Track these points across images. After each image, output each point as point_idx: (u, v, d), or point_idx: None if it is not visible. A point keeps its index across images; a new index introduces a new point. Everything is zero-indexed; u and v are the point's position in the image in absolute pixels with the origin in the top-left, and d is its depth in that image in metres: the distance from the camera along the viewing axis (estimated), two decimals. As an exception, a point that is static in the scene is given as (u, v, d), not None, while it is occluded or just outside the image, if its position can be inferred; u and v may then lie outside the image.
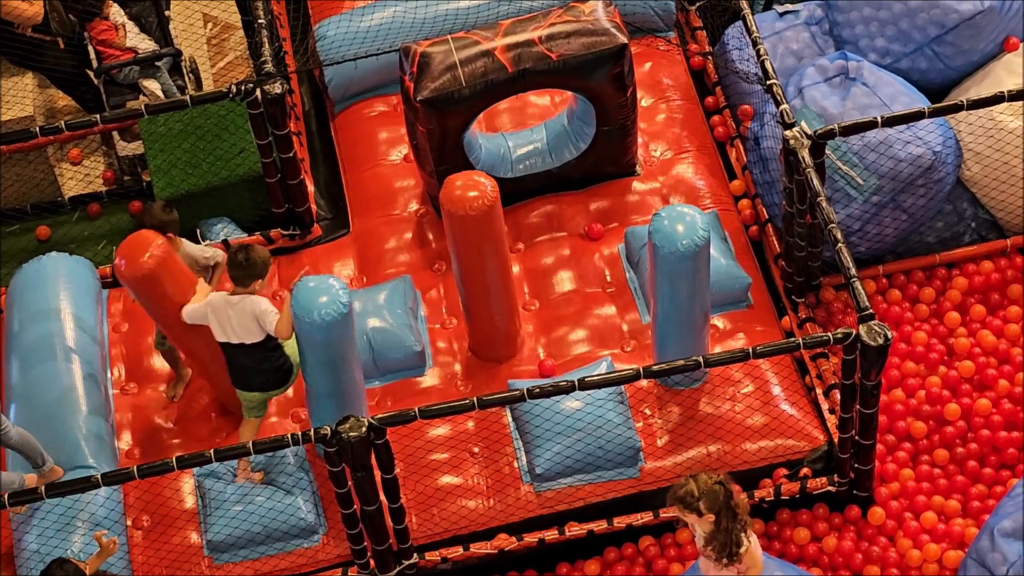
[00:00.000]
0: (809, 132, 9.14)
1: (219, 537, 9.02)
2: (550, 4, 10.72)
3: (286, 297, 8.70)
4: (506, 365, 9.71)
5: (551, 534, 9.12)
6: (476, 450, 9.34)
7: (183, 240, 9.31)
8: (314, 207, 10.55)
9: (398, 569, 9.01)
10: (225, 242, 10.29)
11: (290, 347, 8.96)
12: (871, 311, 8.38)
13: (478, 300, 9.45)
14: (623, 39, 9.83)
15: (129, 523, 9.20)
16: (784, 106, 9.33)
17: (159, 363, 9.90)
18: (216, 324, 8.79)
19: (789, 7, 10.93)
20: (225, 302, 8.75)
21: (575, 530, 9.13)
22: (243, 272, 8.68)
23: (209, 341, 8.96)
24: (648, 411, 9.41)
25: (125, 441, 9.61)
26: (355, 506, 8.61)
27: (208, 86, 11.92)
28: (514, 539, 9.12)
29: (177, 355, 9.68)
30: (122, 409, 9.75)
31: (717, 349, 9.56)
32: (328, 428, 8.20)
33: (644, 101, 10.79)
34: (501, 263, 9.31)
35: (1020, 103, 9.58)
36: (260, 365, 8.92)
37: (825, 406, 9.44)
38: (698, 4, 11.21)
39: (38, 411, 9.33)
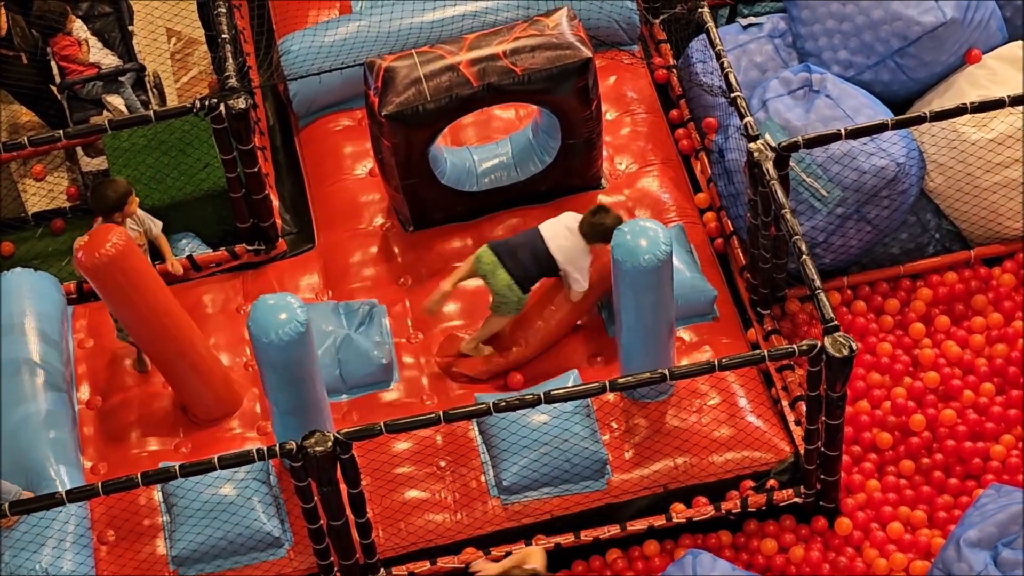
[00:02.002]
0: (773, 144, 9.16)
1: (185, 550, 8.99)
2: (514, 18, 10.73)
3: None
4: (472, 380, 9.72)
5: (518, 547, 9.09)
6: (443, 464, 9.32)
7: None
8: (279, 222, 10.53)
9: (365, 584, 9.00)
10: (190, 258, 10.28)
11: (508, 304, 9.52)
12: (836, 323, 8.40)
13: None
14: (587, 53, 9.84)
15: (94, 538, 9.16)
16: (748, 119, 9.36)
17: (125, 376, 9.87)
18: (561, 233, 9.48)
19: (753, 20, 10.96)
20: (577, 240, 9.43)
21: (542, 543, 9.12)
22: (585, 229, 9.33)
23: (171, 340, 9.03)
24: (615, 424, 9.41)
25: (91, 456, 9.57)
26: (321, 521, 8.59)
27: (172, 101, 11.89)
28: (481, 553, 9.10)
29: None
30: (88, 424, 9.70)
31: (684, 362, 9.57)
32: (294, 443, 8.17)
33: (609, 115, 10.80)
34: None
35: (983, 115, 9.62)
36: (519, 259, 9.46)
37: (791, 418, 9.46)
38: (662, 17, 11.23)
39: (3, 427, 9.28)
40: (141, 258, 9.06)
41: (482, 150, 10.46)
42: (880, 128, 9.25)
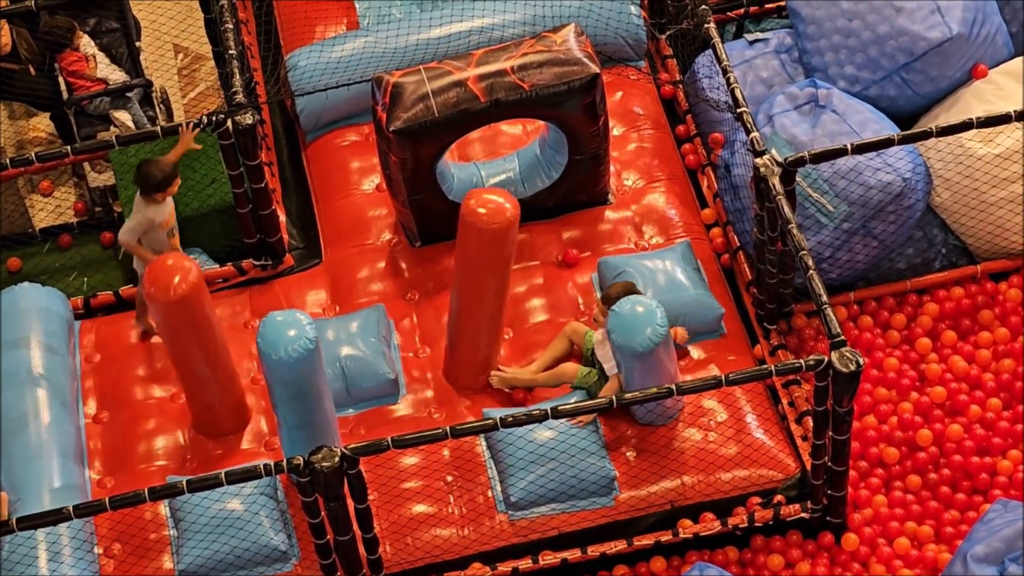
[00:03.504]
0: (779, 160, 9.17)
1: (192, 565, 8.99)
2: (522, 34, 10.75)
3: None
4: (479, 393, 9.72)
5: (525, 563, 9.10)
6: (450, 479, 9.32)
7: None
8: (286, 237, 10.55)
9: (372, 599, 9.00)
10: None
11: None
12: (842, 338, 8.40)
13: (470, 325, 9.47)
14: (595, 69, 9.86)
15: (100, 551, 9.16)
16: (754, 134, 9.37)
17: (132, 391, 9.88)
18: None
19: (759, 35, 10.98)
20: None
21: (549, 559, 9.12)
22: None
23: (206, 363, 9.11)
24: (623, 446, 9.39)
25: (98, 470, 9.57)
26: (328, 536, 8.59)
27: (179, 117, 11.91)
28: (488, 568, 9.09)
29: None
30: (95, 439, 9.71)
31: (688, 378, 9.56)
32: (301, 458, 8.18)
33: (615, 130, 10.81)
34: (503, 288, 9.40)
35: (989, 130, 9.62)
36: None
37: (798, 433, 9.45)
38: (668, 33, 11.25)
39: (8, 441, 9.29)
40: (204, 292, 9.11)
41: (489, 165, 10.48)
42: (886, 143, 9.26)
